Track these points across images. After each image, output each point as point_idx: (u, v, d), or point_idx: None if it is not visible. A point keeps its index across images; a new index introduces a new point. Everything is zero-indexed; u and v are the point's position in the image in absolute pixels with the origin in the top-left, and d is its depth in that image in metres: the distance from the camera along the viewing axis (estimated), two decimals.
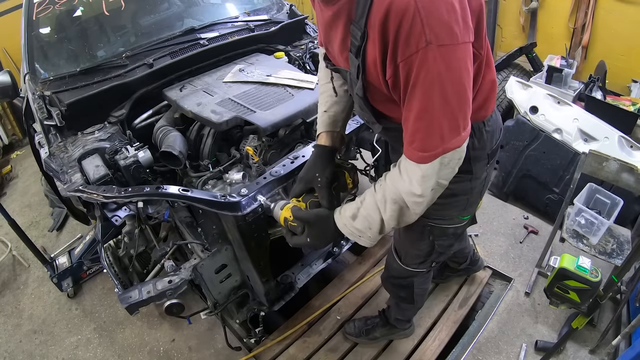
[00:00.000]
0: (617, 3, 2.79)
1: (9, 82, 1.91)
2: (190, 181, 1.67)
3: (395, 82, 0.82)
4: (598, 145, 2.29)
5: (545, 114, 2.49)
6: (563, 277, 1.50)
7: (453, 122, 0.81)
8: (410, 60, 0.76)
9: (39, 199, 3.35)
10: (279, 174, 1.41)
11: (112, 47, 2.05)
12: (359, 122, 1.67)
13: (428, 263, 1.39)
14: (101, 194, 1.33)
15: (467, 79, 0.80)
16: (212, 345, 2.06)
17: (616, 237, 1.90)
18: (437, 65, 0.75)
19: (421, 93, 0.78)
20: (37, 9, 2.06)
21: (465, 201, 1.16)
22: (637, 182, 1.72)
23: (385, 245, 2.34)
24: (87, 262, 2.45)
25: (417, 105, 0.80)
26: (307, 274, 1.91)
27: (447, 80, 0.77)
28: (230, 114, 1.56)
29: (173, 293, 1.42)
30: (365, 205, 0.99)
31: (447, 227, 1.23)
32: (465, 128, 0.84)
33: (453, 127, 0.82)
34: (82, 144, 1.62)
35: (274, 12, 2.37)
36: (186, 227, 1.60)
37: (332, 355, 1.83)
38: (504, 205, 2.71)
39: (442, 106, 0.79)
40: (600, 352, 1.82)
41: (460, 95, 0.79)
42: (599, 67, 2.87)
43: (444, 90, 0.77)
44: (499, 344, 1.92)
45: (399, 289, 1.58)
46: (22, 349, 2.21)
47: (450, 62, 0.76)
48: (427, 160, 0.84)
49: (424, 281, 1.58)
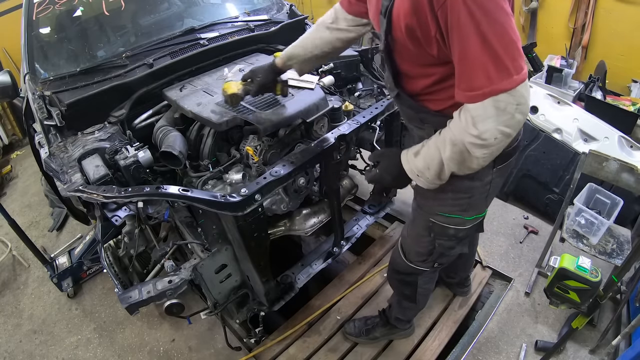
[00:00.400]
0: (617, 3, 2.79)
1: (9, 82, 1.91)
2: (190, 181, 1.67)
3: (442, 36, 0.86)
4: (598, 145, 2.29)
5: (545, 114, 2.50)
6: (563, 277, 1.50)
7: (498, 62, 0.81)
8: (444, 7, 0.80)
9: (39, 199, 3.35)
10: (279, 174, 1.41)
11: (112, 47, 2.05)
12: (359, 122, 1.67)
13: (430, 262, 1.40)
14: (101, 194, 1.33)
15: (506, 18, 0.80)
16: (212, 345, 2.06)
17: (616, 237, 1.90)
18: (468, 5, 0.77)
19: (458, 36, 0.82)
20: (37, 9, 2.06)
21: (466, 200, 1.16)
22: (637, 182, 1.72)
23: (385, 245, 2.35)
24: (87, 262, 2.45)
25: (457, 48, 0.83)
26: (307, 274, 1.91)
27: (483, 20, 0.78)
28: (230, 114, 1.56)
29: (173, 293, 1.42)
30: (429, 145, 1.02)
31: (447, 226, 1.23)
32: (517, 72, 0.82)
33: (500, 68, 0.81)
34: (82, 144, 1.62)
35: (274, 12, 2.37)
36: (186, 227, 1.60)
37: (332, 355, 1.83)
38: (504, 205, 2.71)
39: (481, 46, 0.80)
40: (600, 352, 1.82)
41: (500, 35, 0.80)
42: (599, 67, 2.87)
43: (480, 30, 0.79)
44: (499, 344, 1.92)
45: (403, 285, 1.59)
46: (22, 349, 2.22)
47: (481, 2, 0.78)
48: (475, 100, 0.85)
49: (428, 281, 1.58)
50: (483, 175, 1.10)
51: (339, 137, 1.58)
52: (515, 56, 0.83)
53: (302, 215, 1.93)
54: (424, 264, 1.41)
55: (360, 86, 2.14)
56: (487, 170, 1.10)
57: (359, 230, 2.14)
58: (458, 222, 1.22)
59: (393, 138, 2.00)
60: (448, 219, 1.21)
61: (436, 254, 1.34)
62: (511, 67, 0.82)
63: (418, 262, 1.41)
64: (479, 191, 1.14)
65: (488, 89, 0.83)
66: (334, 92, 1.95)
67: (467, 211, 1.19)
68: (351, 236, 2.09)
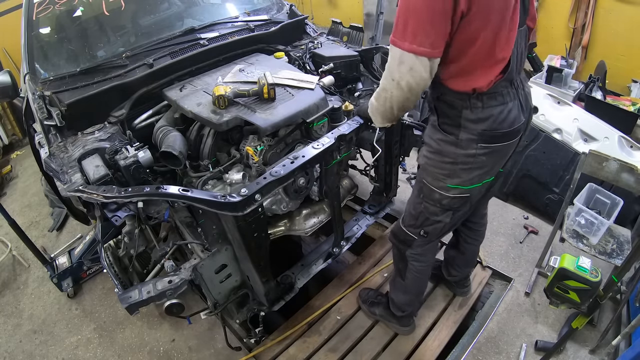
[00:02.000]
0: (617, 3, 2.79)
1: (9, 82, 1.91)
2: (190, 181, 1.67)
3: None
4: (598, 145, 2.29)
5: (545, 114, 2.50)
6: (563, 277, 1.50)
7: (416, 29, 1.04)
8: None
9: (39, 199, 3.35)
10: (279, 174, 1.41)
11: (112, 47, 2.05)
12: (359, 122, 1.67)
13: (417, 228, 1.51)
14: (101, 194, 1.33)
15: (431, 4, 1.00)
16: (212, 345, 2.07)
17: (616, 237, 1.90)
18: None
19: None
20: (37, 9, 2.06)
21: (450, 166, 1.29)
22: (637, 182, 1.73)
23: (385, 245, 2.35)
24: (87, 262, 2.45)
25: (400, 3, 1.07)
26: (307, 274, 1.91)
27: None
28: (231, 114, 1.56)
29: (173, 293, 1.42)
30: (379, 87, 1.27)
31: (433, 189, 1.36)
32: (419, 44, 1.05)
33: (415, 33, 1.04)
34: (82, 144, 1.62)
35: (274, 12, 2.37)
36: (186, 227, 1.61)
37: (332, 355, 1.83)
38: (504, 205, 2.71)
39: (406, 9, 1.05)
40: (600, 352, 1.82)
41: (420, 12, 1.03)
42: (599, 67, 2.87)
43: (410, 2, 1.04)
44: (499, 344, 1.92)
45: (397, 258, 1.69)
46: (22, 349, 2.22)
47: None
48: (392, 43, 1.10)
49: (418, 257, 1.60)
50: (466, 145, 1.24)
51: (339, 137, 1.58)
52: (428, 32, 1.04)
53: (302, 215, 1.93)
54: (412, 229, 1.52)
55: (360, 86, 2.14)
56: (470, 142, 1.23)
57: (359, 230, 2.14)
58: (442, 187, 1.34)
59: (393, 138, 2.00)
60: (435, 182, 1.35)
61: (422, 218, 1.46)
62: (422, 39, 1.04)
63: (408, 226, 1.54)
64: (462, 161, 1.26)
65: (399, 41, 1.08)
66: (334, 92, 1.95)
67: (451, 178, 1.30)
68: (351, 236, 2.09)
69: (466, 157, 1.25)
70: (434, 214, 1.43)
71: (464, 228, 1.78)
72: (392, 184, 2.22)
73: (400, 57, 1.09)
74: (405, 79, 1.12)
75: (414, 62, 1.08)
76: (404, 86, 1.14)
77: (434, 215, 1.43)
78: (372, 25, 4.00)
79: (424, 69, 1.09)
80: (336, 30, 3.74)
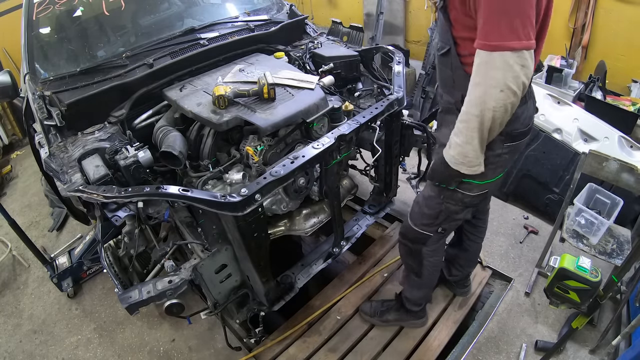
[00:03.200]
0: (617, 3, 2.79)
1: (9, 82, 1.91)
2: (190, 181, 1.67)
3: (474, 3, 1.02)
4: (598, 145, 2.29)
5: (545, 114, 2.49)
6: (563, 277, 1.50)
7: (511, 24, 0.96)
8: None
9: (39, 199, 3.35)
10: (279, 174, 1.41)
11: (112, 47, 2.05)
12: (359, 122, 1.67)
13: (435, 226, 1.49)
14: (101, 194, 1.33)
15: None
16: (212, 345, 2.06)
17: (616, 237, 1.90)
18: None
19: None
20: (37, 9, 2.06)
21: None
22: (637, 182, 1.72)
23: (385, 245, 2.35)
24: (87, 262, 2.45)
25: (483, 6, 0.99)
26: (307, 274, 1.91)
27: None
28: (231, 114, 1.56)
29: (173, 293, 1.42)
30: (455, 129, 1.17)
31: (457, 190, 1.34)
32: (526, 37, 0.97)
33: (511, 29, 0.96)
34: (82, 144, 1.62)
35: (274, 12, 2.37)
36: (186, 227, 1.61)
37: (332, 355, 1.83)
38: (504, 205, 2.71)
39: (499, 7, 0.96)
40: (600, 352, 1.82)
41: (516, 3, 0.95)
42: (599, 67, 2.86)
43: None
44: (499, 344, 1.92)
45: (410, 256, 1.66)
46: (22, 349, 2.22)
47: None
48: (486, 48, 1.00)
49: (433, 253, 1.61)
50: (495, 146, 1.23)
51: (339, 137, 1.58)
52: (525, 22, 0.97)
53: (302, 215, 1.93)
54: (428, 227, 1.50)
55: (360, 86, 2.15)
56: (498, 143, 1.23)
57: (359, 230, 2.14)
58: (467, 187, 1.32)
59: (393, 138, 2.00)
60: (460, 184, 1.32)
61: (442, 217, 1.45)
62: (520, 32, 0.96)
63: (423, 225, 1.51)
64: (489, 161, 1.25)
65: (498, 43, 0.98)
66: (334, 92, 1.95)
67: (480, 179, 1.29)
68: (351, 236, 2.09)
69: (494, 158, 1.26)
70: (455, 212, 1.43)
71: (467, 225, 1.78)
72: (392, 184, 2.22)
73: (508, 59, 0.98)
74: (520, 79, 1.00)
75: (525, 57, 0.99)
76: (517, 89, 1.01)
77: (454, 214, 1.44)
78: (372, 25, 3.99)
79: (531, 61, 1.00)
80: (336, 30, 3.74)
